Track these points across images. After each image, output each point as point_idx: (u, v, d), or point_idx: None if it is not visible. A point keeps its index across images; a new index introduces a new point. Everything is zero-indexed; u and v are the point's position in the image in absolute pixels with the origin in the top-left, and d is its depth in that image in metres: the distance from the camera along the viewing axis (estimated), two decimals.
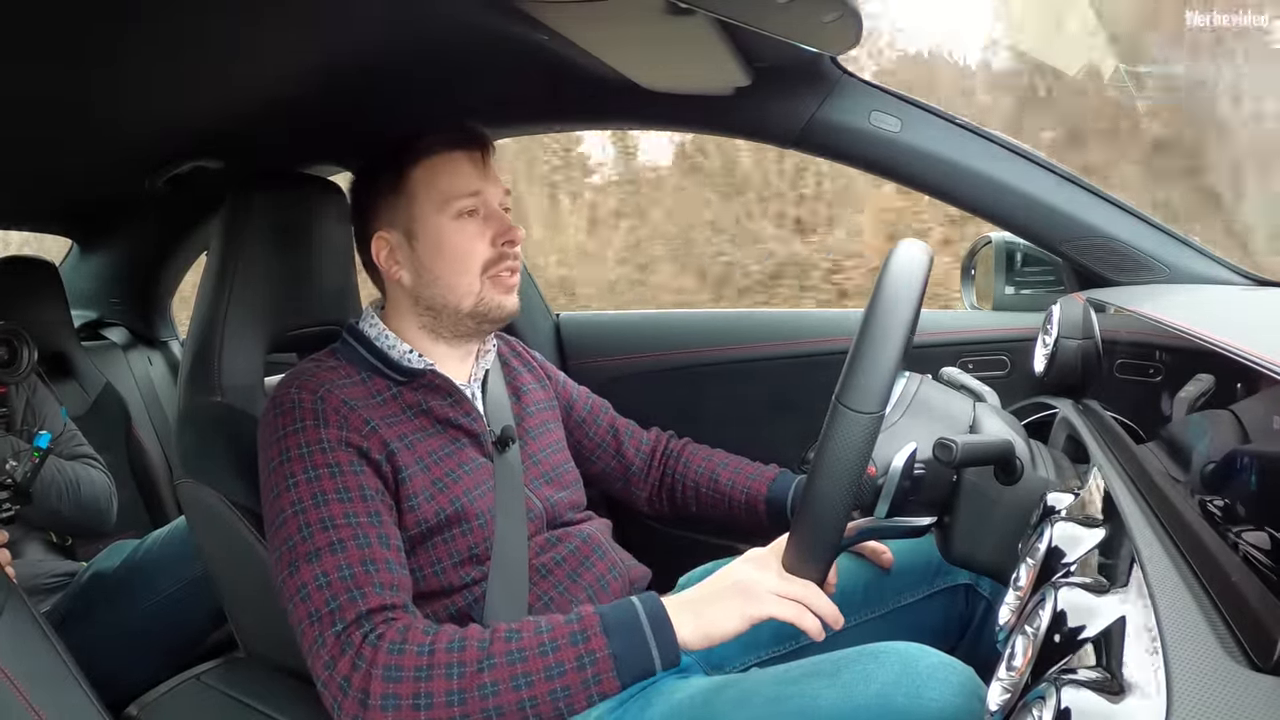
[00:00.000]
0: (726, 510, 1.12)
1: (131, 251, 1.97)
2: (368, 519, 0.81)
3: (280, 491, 0.83)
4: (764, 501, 1.08)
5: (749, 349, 1.52)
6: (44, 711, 0.77)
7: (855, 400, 0.67)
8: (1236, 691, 0.41)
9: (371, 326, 0.97)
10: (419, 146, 0.93)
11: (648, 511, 1.20)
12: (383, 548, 0.81)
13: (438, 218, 0.93)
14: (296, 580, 0.78)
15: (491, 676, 0.72)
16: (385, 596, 0.78)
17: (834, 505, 0.70)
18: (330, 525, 0.80)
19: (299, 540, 0.80)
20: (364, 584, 0.77)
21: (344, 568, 0.78)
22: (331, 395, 0.87)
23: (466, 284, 0.93)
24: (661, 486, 1.17)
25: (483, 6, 0.81)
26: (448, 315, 0.95)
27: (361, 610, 0.76)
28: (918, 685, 0.73)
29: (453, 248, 0.93)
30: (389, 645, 0.73)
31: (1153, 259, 1.15)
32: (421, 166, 0.93)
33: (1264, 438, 0.51)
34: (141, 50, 0.84)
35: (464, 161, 0.94)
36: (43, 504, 1.34)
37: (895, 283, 0.69)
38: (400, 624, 0.76)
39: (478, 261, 0.93)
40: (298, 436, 0.84)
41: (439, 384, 0.94)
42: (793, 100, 1.17)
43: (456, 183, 0.93)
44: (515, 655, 0.73)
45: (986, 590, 0.97)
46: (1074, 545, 0.61)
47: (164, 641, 1.34)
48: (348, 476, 0.83)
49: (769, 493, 1.08)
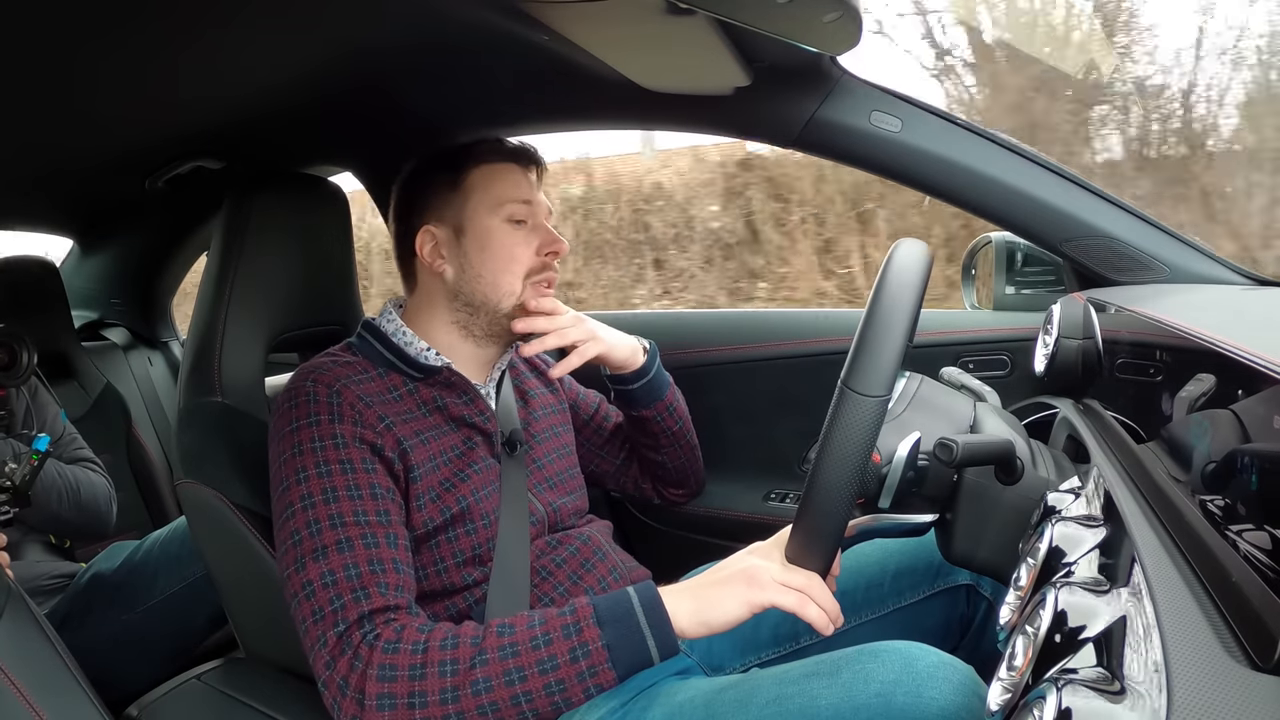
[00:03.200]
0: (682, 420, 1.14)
1: (131, 251, 1.97)
2: (377, 518, 0.81)
3: (290, 485, 0.83)
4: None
5: (751, 348, 1.52)
6: (44, 712, 0.77)
7: (861, 383, 0.68)
8: (1237, 691, 0.41)
9: (390, 323, 0.97)
10: (480, 151, 0.98)
11: (659, 501, 1.21)
12: (390, 547, 0.81)
13: (489, 218, 0.95)
14: (302, 577, 0.78)
15: (484, 672, 0.72)
16: (389, 598, 0.78)
17: (839, 490, 0.70)
18: (339, 523, 0.80)
19: (306, 536, 0.79)
20: (369, 584, 0.77)
21: (350, 567, 0.78)
22: (347, 390, 0.87)
23: (508, 284, 0.95)
24: (633, 455, 1.19)
25: (483, 6, 0.81)
26: (485, 313, 0.96)
27: (365, 611, 0.76)
28: (918, 684, 0.73)
29: (499, 247, 0.95)
30: (384, 645, 0.73)
31: (1153, 259, 1.15)
32: (481, 170, 0.97)
33: (1264, 437, 0.51)
34: (142, 50, 0.84)
35: (518, 173, 0.98)
36: (42, 507, 1.34)
37: (898, 273, 0.69)
38: (398, 624, 0.76)
39: (522, 266, 0.96)
40: (311, 430, 0.84)
41: (455, 381, 0.95)
42: (793, 100, 1.17)
43: (511, 189, 0.96)
44: (508, 650, 0.73)
45: (988, 591, 0.97)
46: (1074, 545, 0.61)
47: (164, 641, 1.34)
48: (359, 474, 0.83)
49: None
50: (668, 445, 1.14)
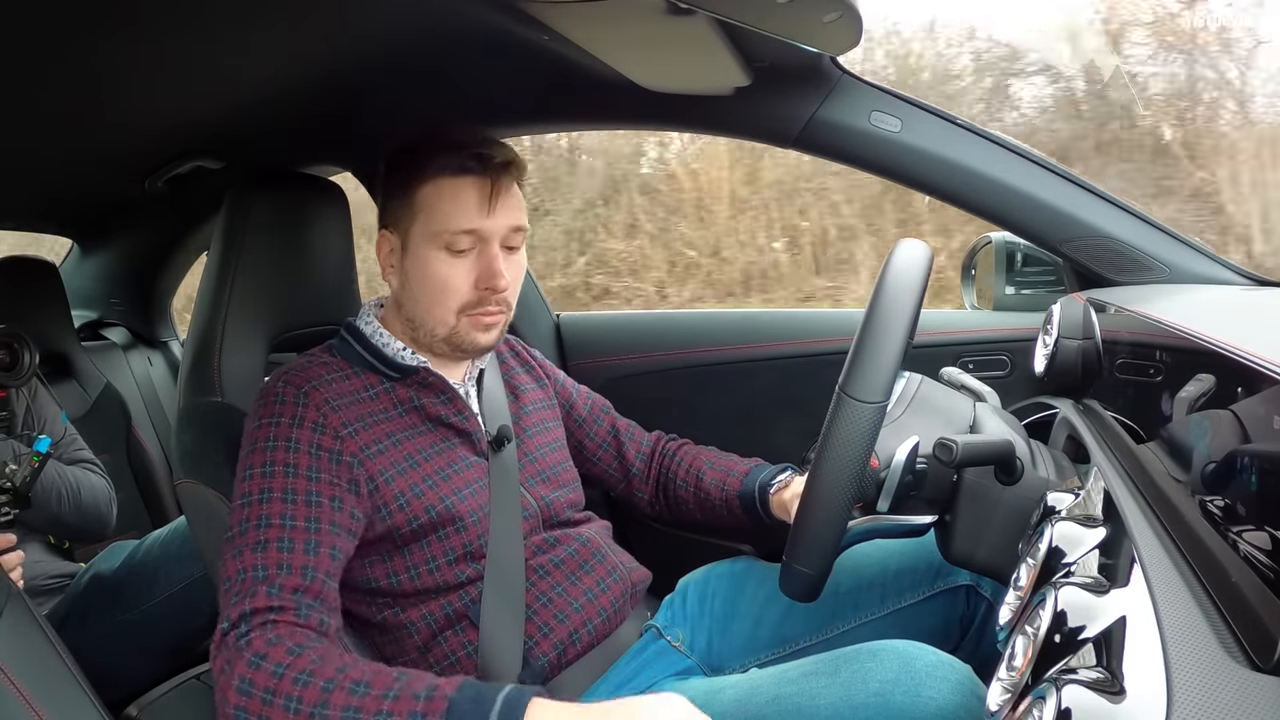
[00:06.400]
0: (713, 510, 1.11)
1: (131, 251, 1.97)
2: (305, 523, 0.80)
3: (238, 480, 0.83)
4: (736, 497, 1.08)
5: (750, 349, 1.52)
6: (44, 712, 0.77)
7: (859, 390, 0.68)
8: (1236, 691, 0.41)
9: (367, 324, 0.96)
10: (432, 162, 0.89)
11: (649, 514, 1.19)
12: (306, 554, 0.78)
13: (428, 245, 0.89)
14: (223, 574, 0.79)
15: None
16: (275, 599, 0.75)
17: (837, 496, 0.70)
18: (264, 523, 0.79)
19: (236, 532, 0.80)
20: (260, 585, 0.75)
21: (258, 568, 0.76)
22: (316, 392, 0.87)
23: (440, 315, 0.92)
24: (659, 489, 1.17)
25: (483, 6, 0.81)
26: (424, 334, 0.94)
27: (245, 609, 0.74)
28: (916, 684, 0.74)
29: (434, 279, 0.90)
30: (251, 656, 0.71)
31: (1153, 259, 1.15)
32: (430, 185, 0.89)
33: (1264, 438, 0.51)
34: (142, 50, 0.84)
35: (471, 191, 0.89)
36: (42, 508, 1.34)
37: (897, 277, 0.69)
38: (273, 634, 0.73)
39: (457, 300, 0.90)
40: (269, 430, 0.84)
41: (432, 382, 0.94)
42: (793, 100, 1.17)
43: (456, 215, 0.88)
44: (351, 712, 0.67)
45: (988, 591, 0.97)
46: (1074, 545, 0.61)
47: (164, 642, 1.34)
48: (300, 479, 0.82)
49: (741, 488, 1.07)
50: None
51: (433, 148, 0.90)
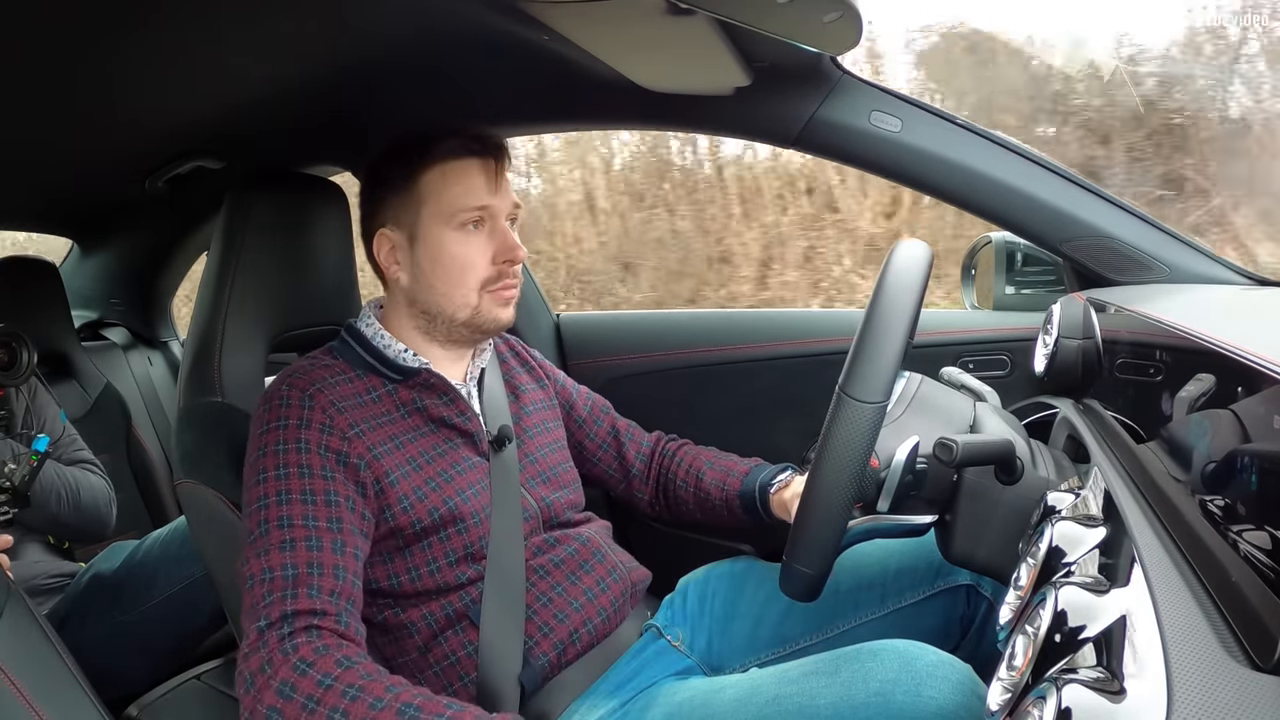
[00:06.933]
0: (713, 510, 1.11)
1: (131, 251, 1.97)
2: (327, 524, 0.80)
3: (251, 485, 0.83)
4: (736, 496, 1.08)
5: (750, 349, 1.52)
6: (44, 712, 0.77)
7: (859, 390, 0.68)
8: (1237, 691, 0.41)
9: (368, 326, 0.96)
10: (434, 149, 0.92)
11: (649, 514, 1.19)
12: (335, 554, 0.79)
13: (442, 227, 0.91)
14: (246, 571, 0.79)
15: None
16: (317, 602, 0.76)
17: (837, 495, 0.70)
18: (287, 524, 0.79)
19: (258, 535, 0.80)
20: (299, 585, 0.76)
21: (288, 567, 0.77)
22: (320, 394, 0.87)
23: (462, 296, 0.93)
24: (659, 490, 1.17)
25: (483, 6, 0.81)
26: (442, 321, 0.95)
27: (287, 610, 0.75)
28: (916, 683, 0.74)
29: (452, 259, 0.92)
30: (297, 661, 0.72)
31: (1153, 259, 1.15)
32: (434, 171, 0.91)
33: (1264, 437, 0.51)
34: (142, 50, 0.84)
35: (477, 171, 0.92)
36: (42, 508, 1.34)
37: (897, 277, 0.69)
38: (320, 643, 0.74)
39: (477, 277, 0.93)
40: (277, 433, 0.84)
41: (434, 383, 0.94)
42: (793, 100, 1.17)
43: (466, 195, 0.91)
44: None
45: (988, 591, 0.97)
46: (1074, 545, 0.61)
47: (164, 641, 1.34)
48: (316, 479, 0.82)
49: (741, 488, 1.08)
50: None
51: (430, 136, 0.92)
